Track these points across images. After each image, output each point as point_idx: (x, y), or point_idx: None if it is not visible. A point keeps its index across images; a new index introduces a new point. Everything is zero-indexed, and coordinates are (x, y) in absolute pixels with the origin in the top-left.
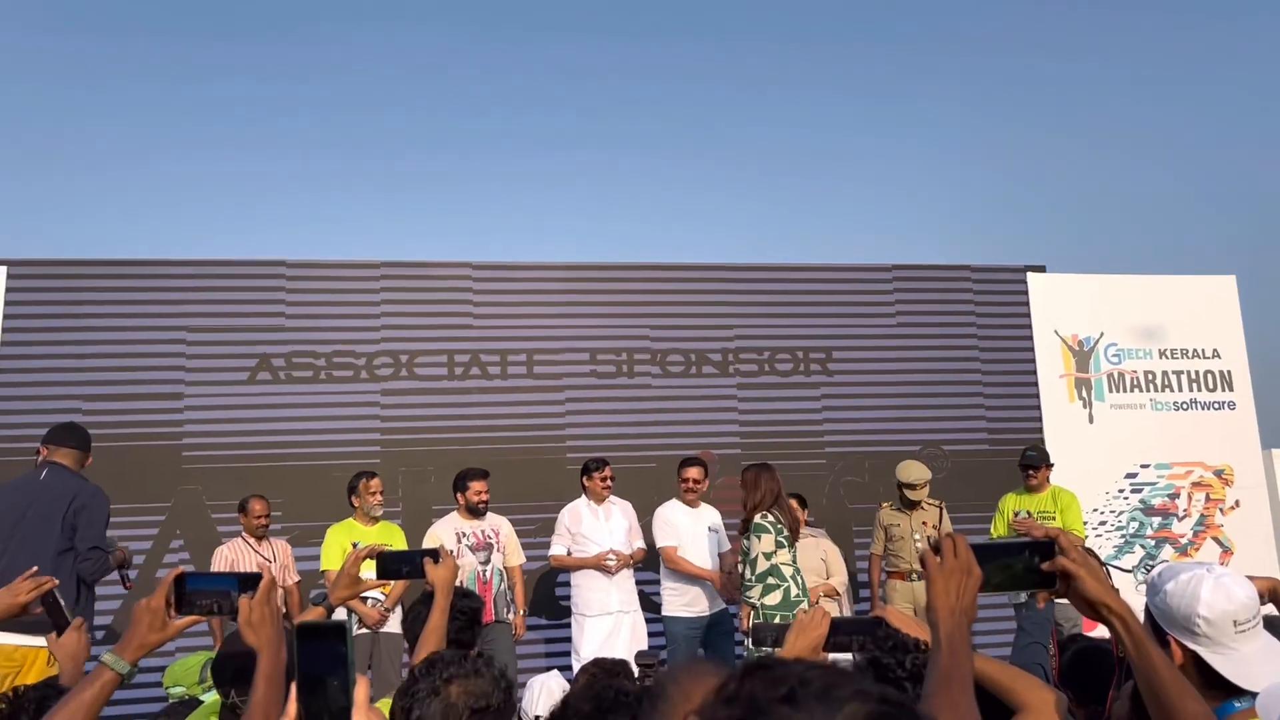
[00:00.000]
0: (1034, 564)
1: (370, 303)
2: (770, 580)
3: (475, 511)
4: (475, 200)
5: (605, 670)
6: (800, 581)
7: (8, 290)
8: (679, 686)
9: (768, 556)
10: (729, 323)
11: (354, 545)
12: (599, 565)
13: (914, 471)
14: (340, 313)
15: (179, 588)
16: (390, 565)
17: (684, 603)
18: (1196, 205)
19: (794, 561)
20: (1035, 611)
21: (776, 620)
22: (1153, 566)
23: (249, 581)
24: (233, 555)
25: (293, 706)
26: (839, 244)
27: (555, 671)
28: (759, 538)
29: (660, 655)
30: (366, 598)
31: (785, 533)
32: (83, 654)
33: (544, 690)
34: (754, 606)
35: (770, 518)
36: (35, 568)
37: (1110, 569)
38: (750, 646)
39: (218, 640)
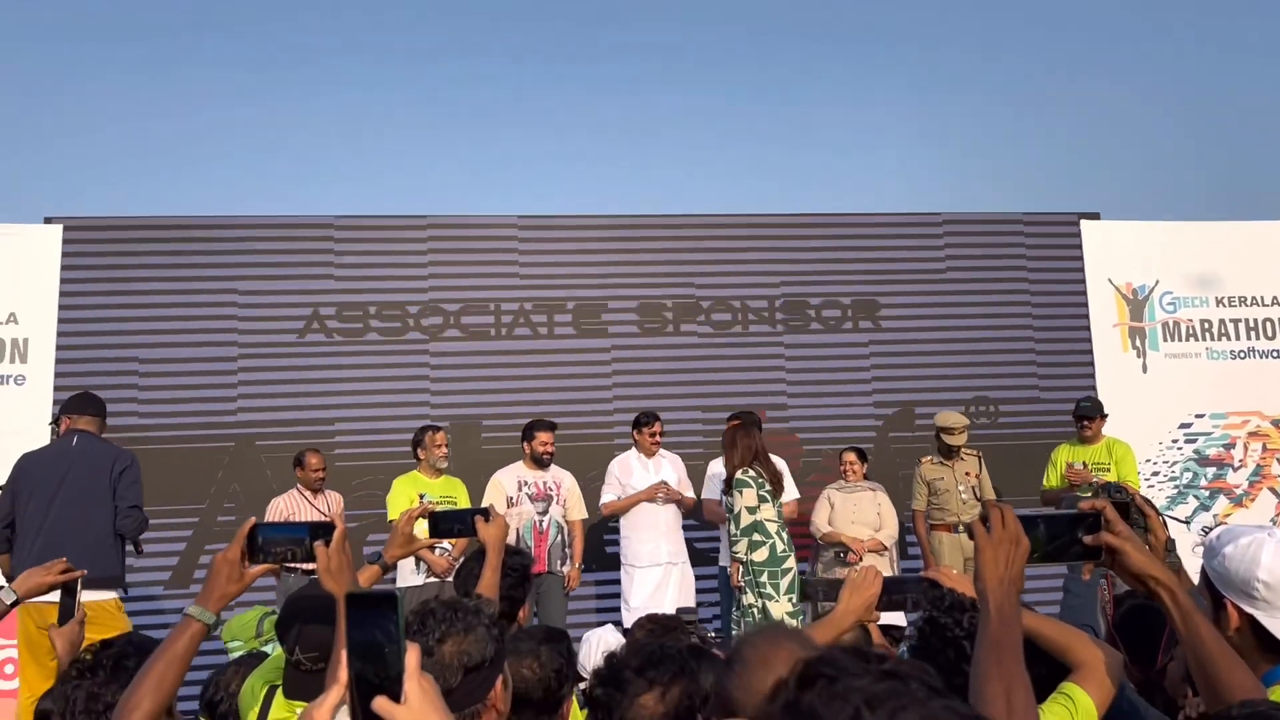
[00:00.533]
0: (1080, 536)
1: (417, 257)
2: (755, 536)
3: (540, 462)
4: (518, 154)
5: (661, 625)
6: (785, 537)
7: (64, 249)
8: (758, 652)
9: (751, 511)
10: (775, 275)
11: (420, 496)
12: (651, 498)
13: (952, 417)
14: (388, 268)
15: (252, 538)
16: (442, 524)
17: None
18: (1256, 149)
19: (778, 516)
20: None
21: (764, 577)
22: (1209, 530)
23: (320, 530)
24: (289, 508)
25: (343, 673)
26: (888, 193)
27: (610, 626)
28: (740, 493)
29: (699, 611)
30: (434, 547)
31: (767, 487)
32: (79, 644)
33: (601, 644)
34: (742, 562)
35: (751, 473)
36: (64, 559)
37: (1166, 519)
38: (743, 607)
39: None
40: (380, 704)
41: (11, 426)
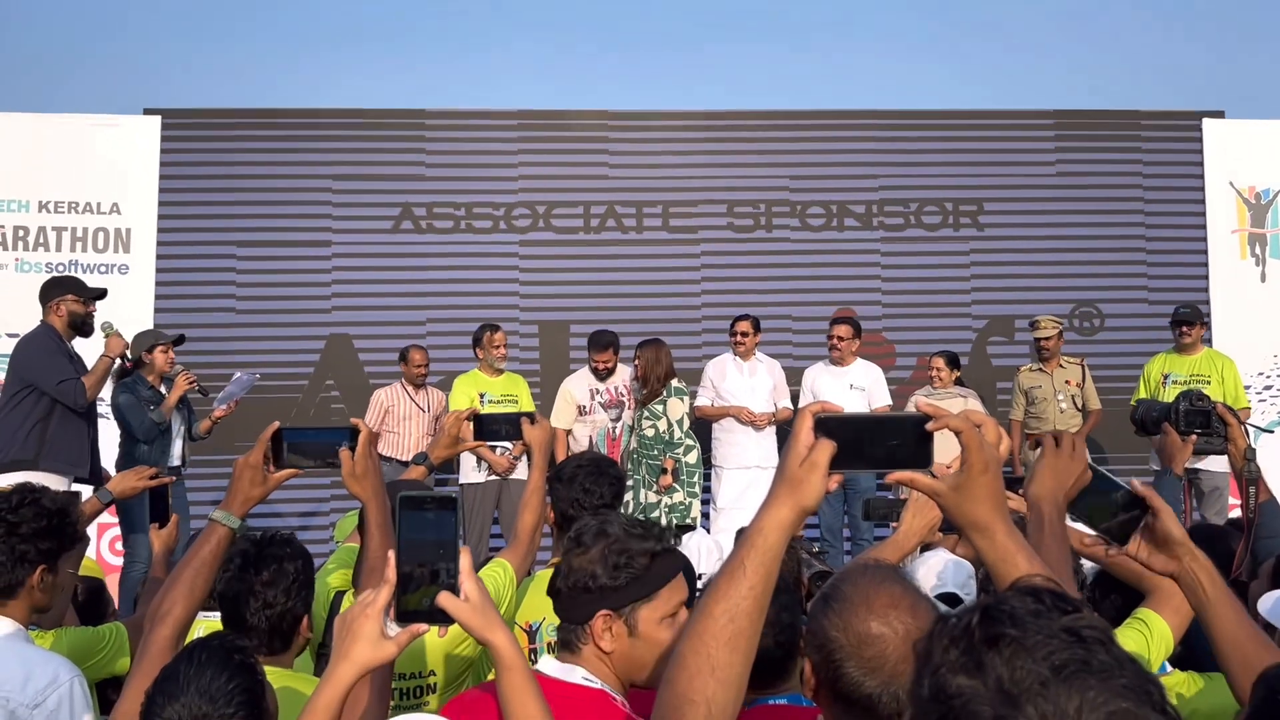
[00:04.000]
0: (1119, 503)
1: (508, 153)
2: (689, 441)
3: (599, 375)
4: (609, 47)
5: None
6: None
7: (163, 139)
8: (859, 590)
9: (689, 416)
10: (873, 173)
11: (480, 395)
12: (739, 416)
13: (1042, 320)
14: (478, 163)
15: (276, 443)
16: (488, 426)
17: None
18: None
19: None
20: (1166, 487)
21: (695, 478)
22: None
23: (345, 435)
24: (389, 401)
25: (392, 572)
26: (996, 87)
27: (702, 530)
28: (682, 399)
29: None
30: (495, 446)
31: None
32: (174, 545)
33: (701, 549)
34: (677, 461)
35: (682, 384)
36: (155, 469)
37: (1250, 429)
38: (673, 504)
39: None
40: (445, 600)
41: (116, 314)
